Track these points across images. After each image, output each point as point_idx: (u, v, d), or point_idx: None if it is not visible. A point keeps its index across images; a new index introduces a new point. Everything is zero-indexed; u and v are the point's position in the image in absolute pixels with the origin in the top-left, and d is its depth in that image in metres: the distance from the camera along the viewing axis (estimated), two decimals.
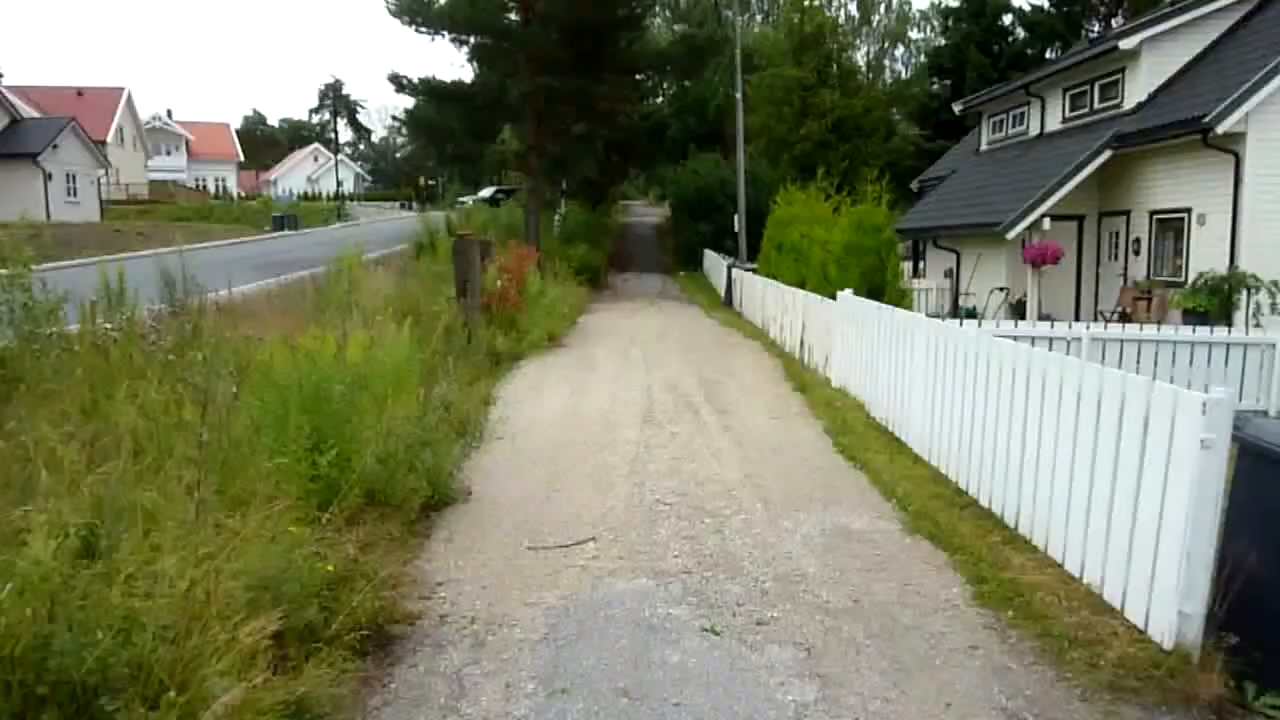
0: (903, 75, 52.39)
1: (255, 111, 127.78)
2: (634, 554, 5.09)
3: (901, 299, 10.48)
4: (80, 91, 58.92)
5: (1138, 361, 10.26)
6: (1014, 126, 24.05)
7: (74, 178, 41.32)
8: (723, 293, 23.82)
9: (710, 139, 40.06)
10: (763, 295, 16.86)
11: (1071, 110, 20.97)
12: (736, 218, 25.55)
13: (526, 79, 23.33)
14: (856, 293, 9.99)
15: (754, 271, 21.10)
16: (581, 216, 38.04)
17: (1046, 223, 17.71)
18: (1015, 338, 6.50)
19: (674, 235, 37.68)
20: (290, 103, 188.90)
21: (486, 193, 57.35)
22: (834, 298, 11.20)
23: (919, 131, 37.81)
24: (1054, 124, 21.67)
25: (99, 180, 52.09)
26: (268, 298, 14.39)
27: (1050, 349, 5.93)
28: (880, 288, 10.47)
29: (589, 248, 30.56)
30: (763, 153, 36.16)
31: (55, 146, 39.27)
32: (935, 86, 39.52)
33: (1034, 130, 22.65)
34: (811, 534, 5.45)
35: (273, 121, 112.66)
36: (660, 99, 42.67)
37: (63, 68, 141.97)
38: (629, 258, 37.43)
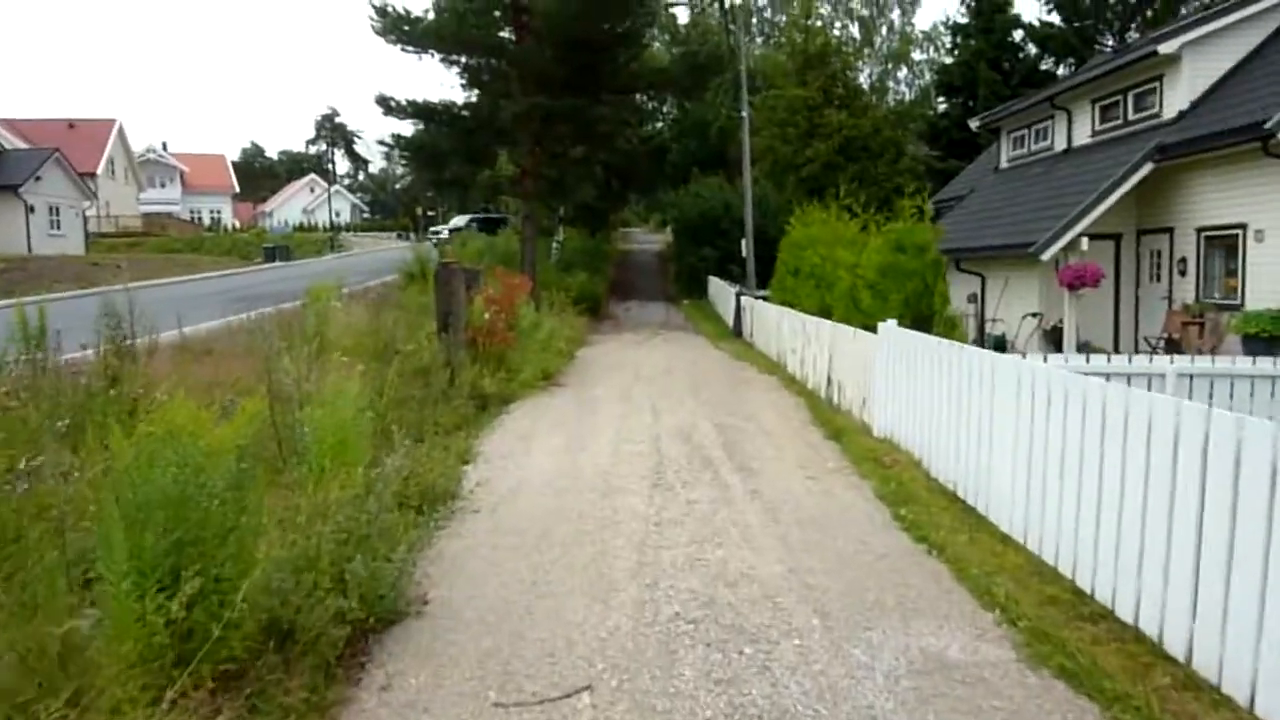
0: (906, 98, 51.33)
1: (253, 144, 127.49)
2: (648, 715, 3.53)
3: (952, 330, 8.96)
4: (71, 124, 58.06)
5: (1230, 399, 8.73)
6: (1037, 142, 22.70)
7: (57, 210, 40.08)
8: (730, 321, 22.34)
9: (713, 162, 38.79)
10: (778, 325, 15.36)
11: (1102, 122, 19.62)
12: (744, 242, 24.14)
13: (520, 99, 22.01)
14: (900, 323, 8.48)
15: (765, 299, 19.64)
16: (580, 243, 36.70)
17: (1084, 242, 16.27)
18: (1086, 373, 4.97)
19: (677, 262, 36.28)
20: (289, 135, 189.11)
21: (460, 221, 55.33)
22: (868, 328, 9.68)
23: (929, 151, 36.53)
24: (1082, 137, 20.32)
25: (84, 212, 51.00)
26: (230, 335, 12.90)
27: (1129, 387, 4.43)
28: (926, 317, 8.96)
29: (588, 276, 29.16)
30: (768, 175, 34.86)
31: (38, 178, 38.05)
32: (944, 105, 38.32)
33: (1060, 145, 21.30)
34: (895, 669, 3.88)
35: (271, 154, 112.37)
36: (660, 124, 41.54)
37: (60, 102, 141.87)
38: (630, 286, 36.04)
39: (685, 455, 8.33)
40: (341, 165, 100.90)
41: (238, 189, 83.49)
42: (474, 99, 24.39)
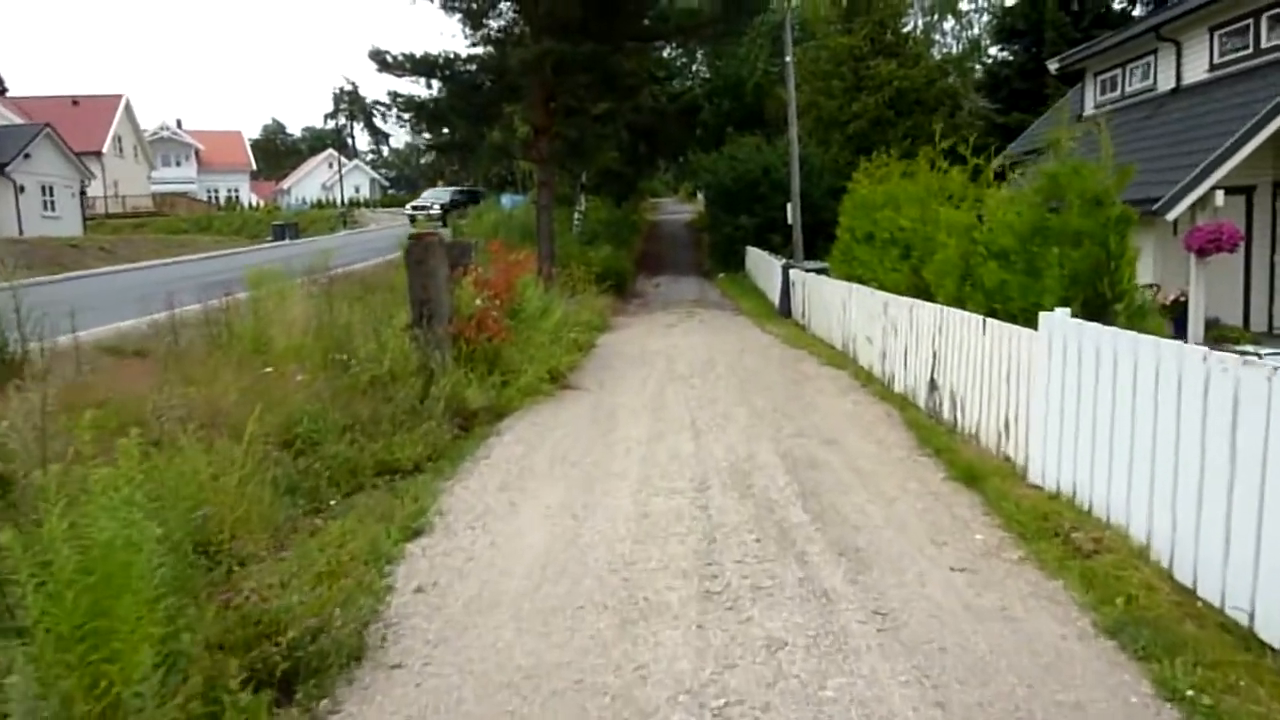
0: (954, 50, 47.40)
1: (274, 120, 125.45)
2: None
3: (1142, 319, 5.97)
4: (76, 100, 55.96)
5: None
6: (1136, 81, 19.28)
7: (51, 189, 37.77)
8: (776, 299, 19.32)
9: (748, 122, 35.44)
10: (843, 305, 12.37)
11: (1223, 54, 16.22)
12: (789, 207, 21.05)
13: (530, 44, 19.01)
14: (1074, 313, 5.51)
15: (821, 272, 16.61)
16: (605, 213, 33.69)
17: (1220, 197, 13.09)
18: None
19: (711, 232, 33.16)
20: (312, 111, 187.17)
21: (435, 195, 48.06)
22: (996, 315, 6.71)
23: (987, 104, 32.92)
24: (1197, 73, 16.91)
25: (81, 192, 48.90)
26: (157, 334, 10.17)
27: None
28: (1104, 302, 5.97)
29: (613, 249, 26.27)
30: (810, 134, 31.54)
31: (27, 155, 35.68)
32: (1004, 53, 34.59)
33: (1165, 84, 17.89)
34: None
35: (293, 130, 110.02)
36: (690, 82, 38.22)
37: (75, 82, 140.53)
38: (660, 259, 33.06)
39: (748, 520, 5.45)
40: (363, 141, 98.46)
41: (255, 166, 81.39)
42: (479, 51, 21.40)
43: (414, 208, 45.53)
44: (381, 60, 21.17)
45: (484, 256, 11.30)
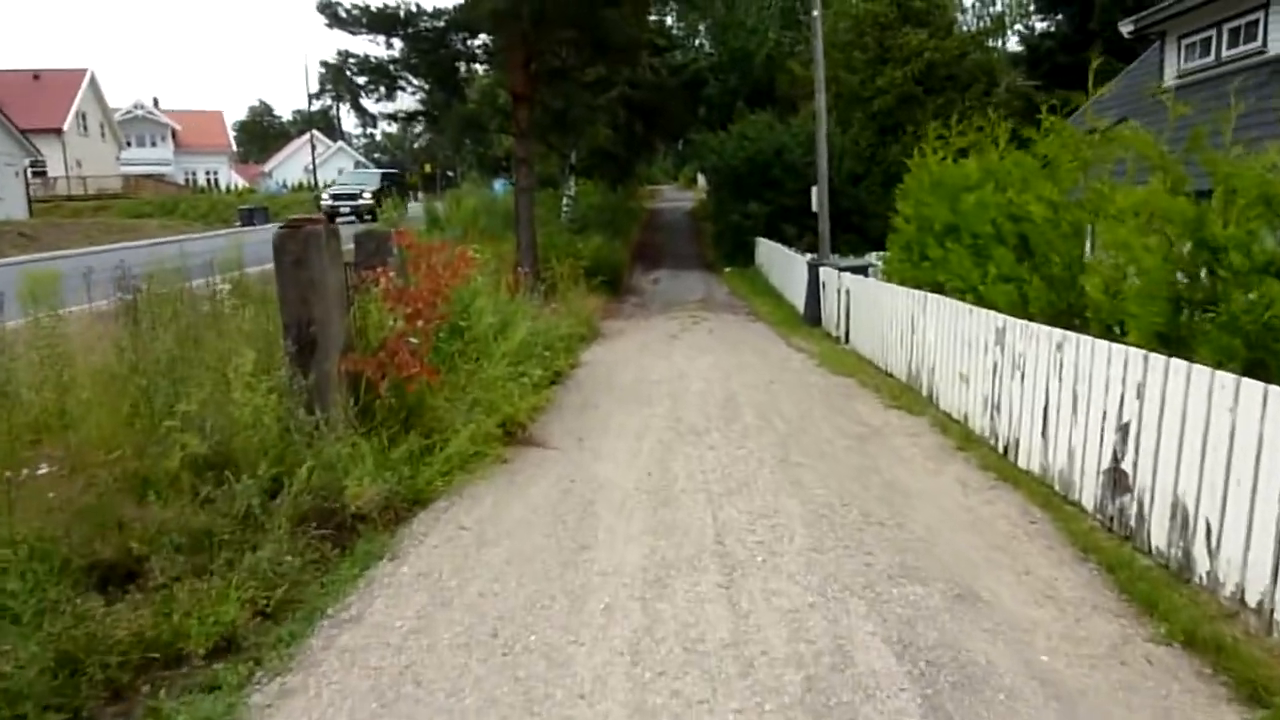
0: (974, 28, 43.93)
1: (261, 102, 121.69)
2: None
3: None
4: (37, 75, 52.38)
5: None
6: (1235, 45, 15.87)
7: None
8: (800, 303, 16.02)
9: (757, 99, 31.95)
10: (913, 322, 9.07)
11: None
12: (814, 192, 17.70)
13: None
14: None
15: (858, 271, 13.30)
16: (597, 198, 30.29)
17: None
18: None
19: (715, 220, 29.78)
20: (303, 93, 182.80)
21: (353, 180, 36.87)
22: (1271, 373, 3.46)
23: (1027, 81, 29.50)
24: None
25: (39, 172, 45.45)
26: None
27: None
28: None
29: (606, 239, 22.91)
30: (828, 113, 28.09)
31: None
32: (1045, 24, 31.18)
33: (1278, 45, 14.63)
34: None
35: (281, 112, 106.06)
36: (694, 54, 34.63)
37: (58, 60, 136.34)
38: (658, 250, 29.70)
39: None
40: (350, 123, 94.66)
41: (235, 148, 77.73)
42: (446, 3, 17.96)
43: (334, 197, 33.37)
44: (333, 14, 17.78)
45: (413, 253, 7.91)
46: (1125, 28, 19.35)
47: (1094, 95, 8.13)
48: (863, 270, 13.55)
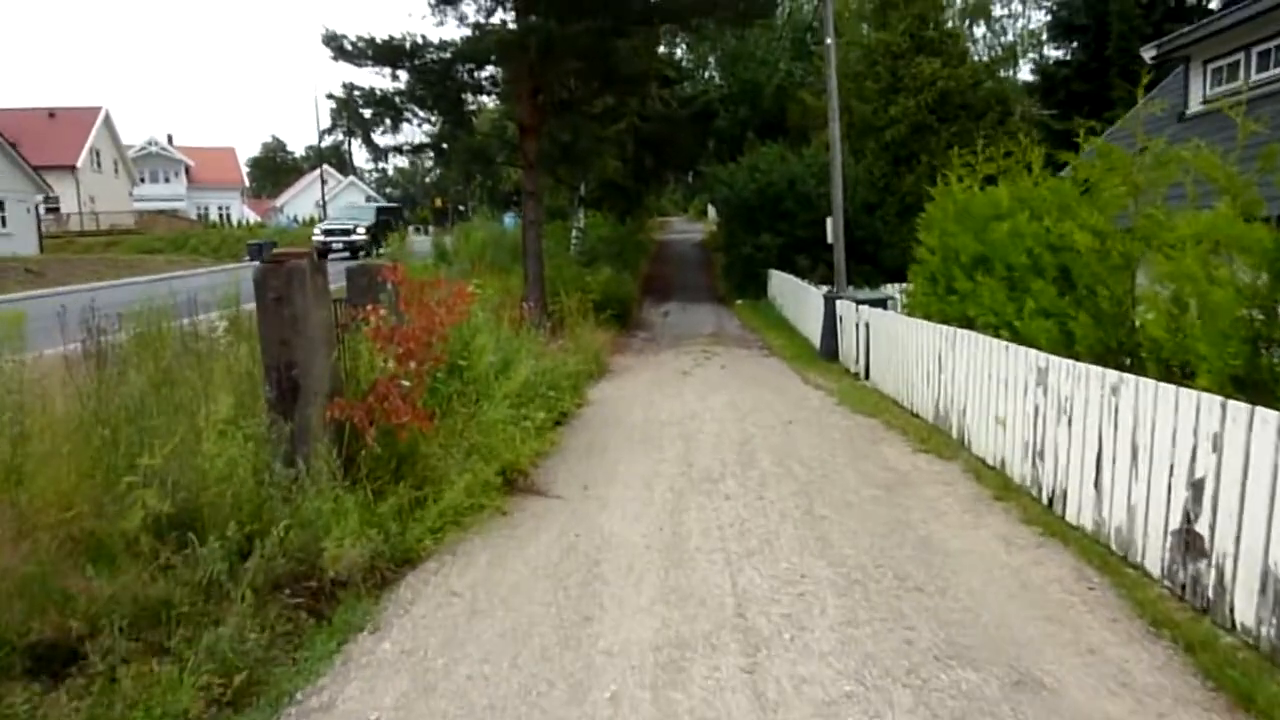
0: (984, 60, 43.77)
1: (274, 138, 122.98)
2: None
3: None
4: (52, 113, 52.80)
5: None
6: (1266, 68, 15.51)
7: (1, 205, 34.25)
8: (815, 338, 15.50)
9: (768, 130, 31.70)
10: (940, 360, 8.53)
11: None
12: (829, 223, 17.25)
13: (510, 21, 15.35)
14: None
15: (878, 304, 12.78)
16: (606, 230, 29.95)
17: None
18: None
19: (726, 252, 29.38)
20: (314, 129, 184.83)
21: (345, 216, 34.87)
22: None
23: (1042, 109, 29.14)
24: None
25: (53, 209, 45.61)
26: None
27: None
28: None
29: (615, 271, 22.49)
30: (841, 140, 27.78)
31: None
32: (1060, 51, 30.85)
33: None
34: None
35: (294, 148, 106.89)
36: (704, 86, 34.47)
37: (76, 99, 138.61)
38: (668, 283, 29.28)
39: None
40: (361, 158, 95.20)
41: (247, 184, 78.20)
42: (454, 35, 17.76)
43: (325, 233, 31.79)
44: (338, 46, 17.54)
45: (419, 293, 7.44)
46: (1148, 53, 18.91)
47: (1127, 115, 7.66)
48: (882, 303, 13.04)
